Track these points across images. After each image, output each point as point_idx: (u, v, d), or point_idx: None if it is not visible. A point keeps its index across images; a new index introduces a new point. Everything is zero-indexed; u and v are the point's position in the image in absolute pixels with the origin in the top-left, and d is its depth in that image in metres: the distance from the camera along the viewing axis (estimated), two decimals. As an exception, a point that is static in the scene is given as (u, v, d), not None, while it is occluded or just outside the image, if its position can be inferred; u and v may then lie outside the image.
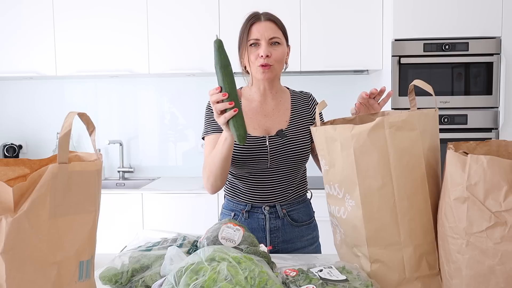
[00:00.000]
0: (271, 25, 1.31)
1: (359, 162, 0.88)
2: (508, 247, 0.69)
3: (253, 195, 1.38)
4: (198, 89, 3.06)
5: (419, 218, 0.87)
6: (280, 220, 1.39)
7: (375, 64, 2.65)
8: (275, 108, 1.40)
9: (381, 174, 0.86)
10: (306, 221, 1.44)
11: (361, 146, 0.87)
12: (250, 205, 1.39)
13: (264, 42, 1.28)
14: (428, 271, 0.89)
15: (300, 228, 1.42)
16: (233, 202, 1.43)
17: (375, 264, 0.91)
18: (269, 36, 1.29)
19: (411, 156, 0.86)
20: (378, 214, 0.88)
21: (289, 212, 1.40)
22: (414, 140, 0.86)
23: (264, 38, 1.28)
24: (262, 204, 1.38)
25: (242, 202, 1.40)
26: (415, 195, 0.87)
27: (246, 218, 1.39)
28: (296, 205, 1.42)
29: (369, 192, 0.88)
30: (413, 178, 0.86)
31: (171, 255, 0.92)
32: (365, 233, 0.90)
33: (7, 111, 3.15)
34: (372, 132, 0.86)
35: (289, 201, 1.40)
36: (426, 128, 0.87)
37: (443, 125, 2.43)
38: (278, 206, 1.38)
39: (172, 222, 2.55)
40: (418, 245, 0.88)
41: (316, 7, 2.62)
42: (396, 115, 0.86)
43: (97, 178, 0.75)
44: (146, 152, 3.13)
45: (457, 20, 2.42)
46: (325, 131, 0.94)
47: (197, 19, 2.69)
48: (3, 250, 0.62)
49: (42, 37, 2.76)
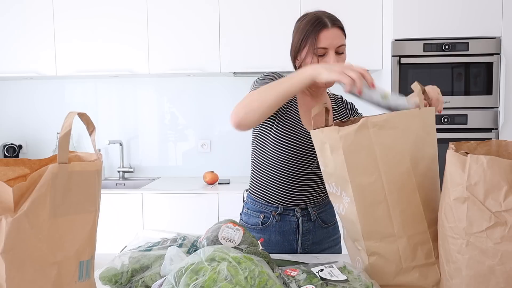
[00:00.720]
0: (338, 32, 1.26)
1: (348, 161, 0.92)
2: (508, 247, 0.69)
3: (287, 197, 1.35)
4: (198, 89, 3.06)
5: (410, 209, 0.91)
6: (312, 222, 1.38)
7: (375, 64, 2.65)
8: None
9: (370, 170, 0.91)
10: (332, 222, 1.44)
11: (349, 146, 0.91)
12: (282, 208, 1.35)
13: (332, 52, 1.23)
14: (424, 260, 0.92)
15: (327, 229, 1.42)
16: (261, 204, 1.38)
17: (373, 257, 0.95)
18: (337, 44, 1.24)
19: (395, 152, 0.90)
20: (371, 209, 0.92)
21: (319, 214, 1.39)
22: (397, 138, 0.90)
23: (332, 47, 1.23)
24: (294, 206, 1.36)
25: (273, 204, 1.36)
26: (403, 188, 0.91)
27: (278, 220, 1.35)
28: (324, 206, 1.41)
29: (360, 188, 0.92)
30: (399, 172, 0.91)
31: (171, 255, 0.92)
32: (360, 228, 0.94)
33: (7, 111, 3.15)
34: (358, 132, 0.90)
35: (320, 202, 1.39)
36: (408, 126, 0.91)
37: (443, 125, 2.43)
38: (310, 208, 1.37)
39: (172, 222, 2.55)
40: (412, 236, 0.92)
41: (316, 7, 2.62)
42: (379, 115, 0.92)
43: (97, 178, 0.75)
44: (146, 152, 3.13)
45: (457, 20, 2.42)
46: (315, 134, 1.00)
47: (198, 19, 2.69)
48: (3, 250, 0.62)
49: (42, 37, 2.76)
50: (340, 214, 1.02)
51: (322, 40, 1.23)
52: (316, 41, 1.23)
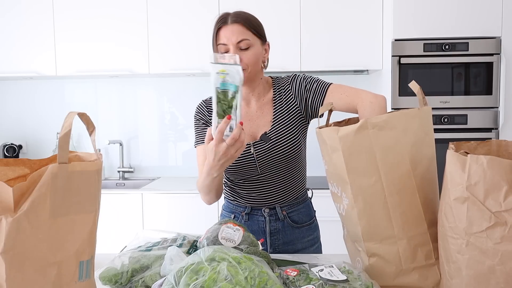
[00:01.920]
0: (238, 27, 1.21)
1: (348, 162, 0.91)
2: (508, 247, 0.69)
3: (252, 198, 1.36)
4: (198, 89, 3.06)
5: (410, 211, 0.91)
6: (281, 222, 1.37)
7: (375, 64, 2.65)
8: (259, 110, 1.33)
9: (370, 172, 0.90)
10: (307, 222, 1.41)
11: (349, 147, 0.90)
12: (249, 208, 1.37)
13: (232, 47, 1.21)
14: (424, 261, 0.92)
15: (300, 229, 1.39)
16: (232, 204, 1.41)
17: (373, 258, 0.95)
18: (236, 40, 1.20)
19: (395, 153, 0.90)
20: (371, 210, 0.91)
21: (289, 214, 1.38)
22: (396, 138, 0.89)
23: (231, 43, 1.20)
24: (261, 206, 1.36)
25: (242, 204, 1.38)
26: (403, 190, 0.90)
27: (246, 220, 1.37)
28: (297, 205, 1.39)
29: (360, 190, 0.91)
30: (399, 173, 0.90)
31: (171, 255, 0.92)
32: (360, 229, 0.94)
33: (7, 111, 3.15)
34: (357, 133, 0.89)
35: (289, 202, 1.37)
36: (408, 126, 0.90)
37: (443, 125, 2.43)
38: (278, 208, 1.36)
39: (172, 222, 2.55)
40: (412, 237, 0.91)
41: (316, 7, 2.62)
42: (379, 116, 0.91)
43: (97, 178, 0.75)
44: (146, 152, 3.13)
45: (457, 20, 2.42)
46: (317, 133, 0.99)
47: (197, 19, 2.69)
48: (3, 250, 0.62)
49: (42, 37, 2.76)
50: (341, 215, 1.01)
51: (221, 37, 1.23)
52: (216, 38, 1.25)
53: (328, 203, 1.42)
